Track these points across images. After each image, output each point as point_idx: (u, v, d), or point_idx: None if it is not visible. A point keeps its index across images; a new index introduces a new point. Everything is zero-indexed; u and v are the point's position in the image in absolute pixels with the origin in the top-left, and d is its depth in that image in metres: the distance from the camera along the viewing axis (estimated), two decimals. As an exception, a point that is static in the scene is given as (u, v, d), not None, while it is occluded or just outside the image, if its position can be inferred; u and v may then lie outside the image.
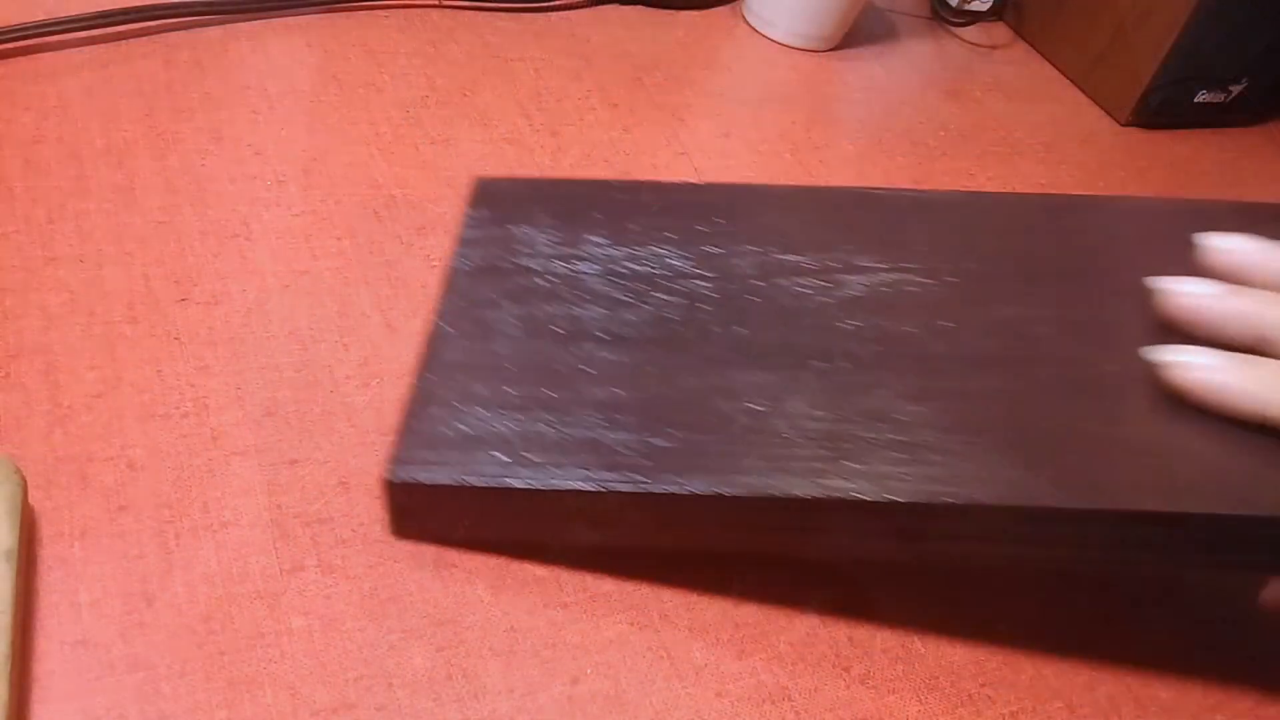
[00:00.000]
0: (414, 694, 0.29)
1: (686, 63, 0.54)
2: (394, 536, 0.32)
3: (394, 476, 0.31)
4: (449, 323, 0.35)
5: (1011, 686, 0.33)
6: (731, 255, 0.38)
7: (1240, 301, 0.32)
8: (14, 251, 0.36)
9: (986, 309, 0.36)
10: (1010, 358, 0.34)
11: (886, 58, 0.61)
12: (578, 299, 0.36)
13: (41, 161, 0.39)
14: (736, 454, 0.31)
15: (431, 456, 0.31)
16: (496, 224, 0.39)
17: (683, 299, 0.36)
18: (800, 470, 0.31)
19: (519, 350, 0.34)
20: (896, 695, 0.32)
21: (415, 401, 0.33)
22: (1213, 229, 0.37)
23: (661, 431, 0.32)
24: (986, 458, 0.31)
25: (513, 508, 0.31)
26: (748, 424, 0.32)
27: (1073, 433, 0.32)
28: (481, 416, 0.32)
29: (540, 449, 0.31)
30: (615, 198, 0.40)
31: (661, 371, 0.34)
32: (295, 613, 0.29)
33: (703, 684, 0.31)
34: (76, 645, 0.28)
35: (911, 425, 0.32)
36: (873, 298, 0.36)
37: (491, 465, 0.31)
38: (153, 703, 0.27)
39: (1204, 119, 0.62)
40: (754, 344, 0.34)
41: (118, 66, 0.43)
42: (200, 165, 0.40)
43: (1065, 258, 0.38)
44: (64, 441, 0.31)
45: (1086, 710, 0.33)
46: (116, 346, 0.34)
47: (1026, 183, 0.54)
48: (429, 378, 0.33)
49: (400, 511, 0.32)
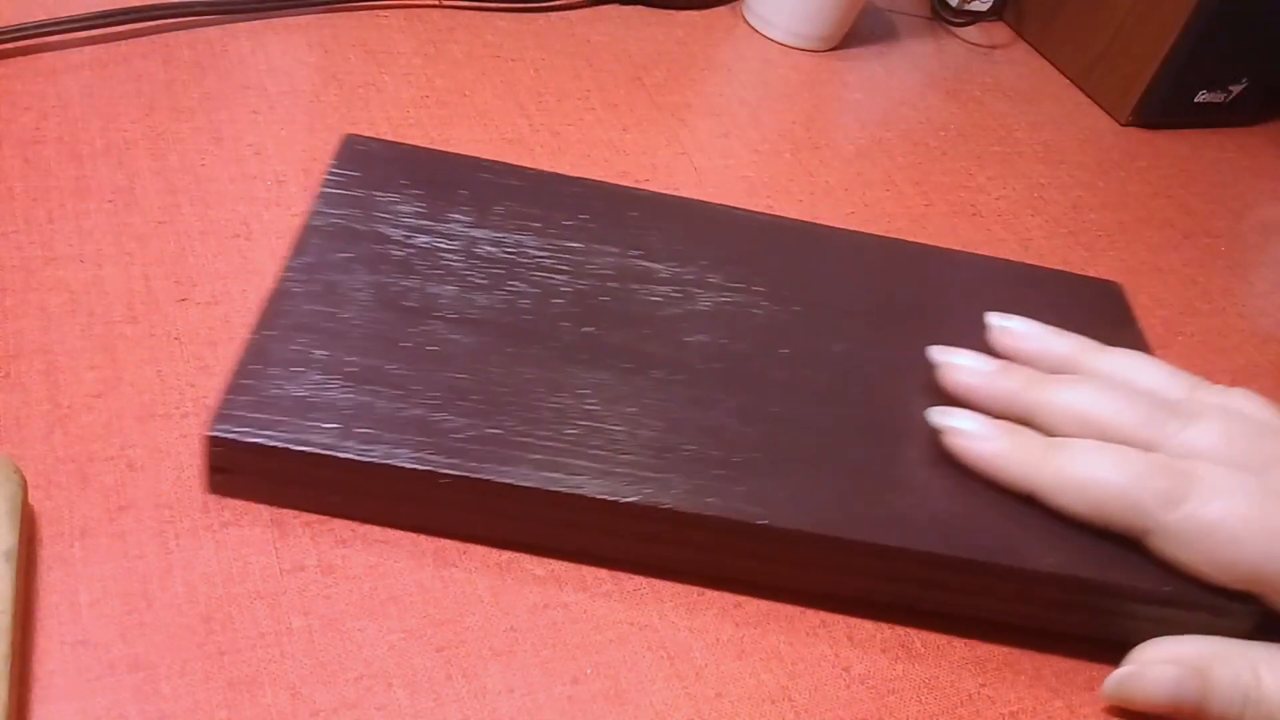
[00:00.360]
0: (414, 694, 0.29)
1: (686, 63, 0.54)
2: (207, 493, 0.31)
3: (215, 431, 0.30)
4: (296, 281, 0.34)
5: (1011, 686, 0.33)
6: (592, 254, 0.38)
7: (1008, 381, 0.35)
8: (14, 251, 0.36)
9: (823, 342, 0.37)
10: (836, 392, 0.36)
11: (886, 58, 0.61)
12: (433, 275, 0.35)
13: (41, 161, 0.39)
14: (567, 451, 0.32)
15: (259, 417, 0.30)
16: (361, 186, 0.38)
17: (537, 290, 0.36)
18: (626, 476, 0.31)
19: (365, 319, 0.33)
20: (896, 695, 0.32)
21: (249, 358, 0.32)
22: (1043, 294, 0.41)
23: (496, 420, 0.32)
24: (799, 484, 0.33)
25: (336, 479, 0.31)
26: (583, 423, 0.32)
27: (875, 471, 0.34)
28: (316, 382, 0.32)
29: (372, 423, 0.31)
30: (484, 178, 0.40)
31: (505, 360, 0.33)
32: (295, 613, 0.29)
33: (703, 684, 0.31)
34: (76, 645, 0.28)
35: (737, 444, 0.33)
36: (720, 315, 0.37)
37: (319, 433, 0.30)
38: (153, 703, 0.27)
39: (1204, 119, 0.62)
40: (600, 345, 0.35)
41: (117, 66, 0.43)
42: (200, 165, 0.40)
43: (905, 303, 0.40)
44: (64, 441, 0.31)
45: (1086, 710, 0.33)
46: (116, 346, 0.34)
47: (1026, 182, 0.54)
48: (267, 335, 0.32)
49: (218, 469, 0.31)
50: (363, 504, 0.32)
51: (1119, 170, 0.58)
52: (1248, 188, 0.60)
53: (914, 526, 0.32)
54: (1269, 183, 0.61)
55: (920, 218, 0.50)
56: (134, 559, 0.30)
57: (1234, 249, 0.55)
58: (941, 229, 0.49)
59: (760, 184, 0.49)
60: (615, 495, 0.31)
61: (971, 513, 0.33)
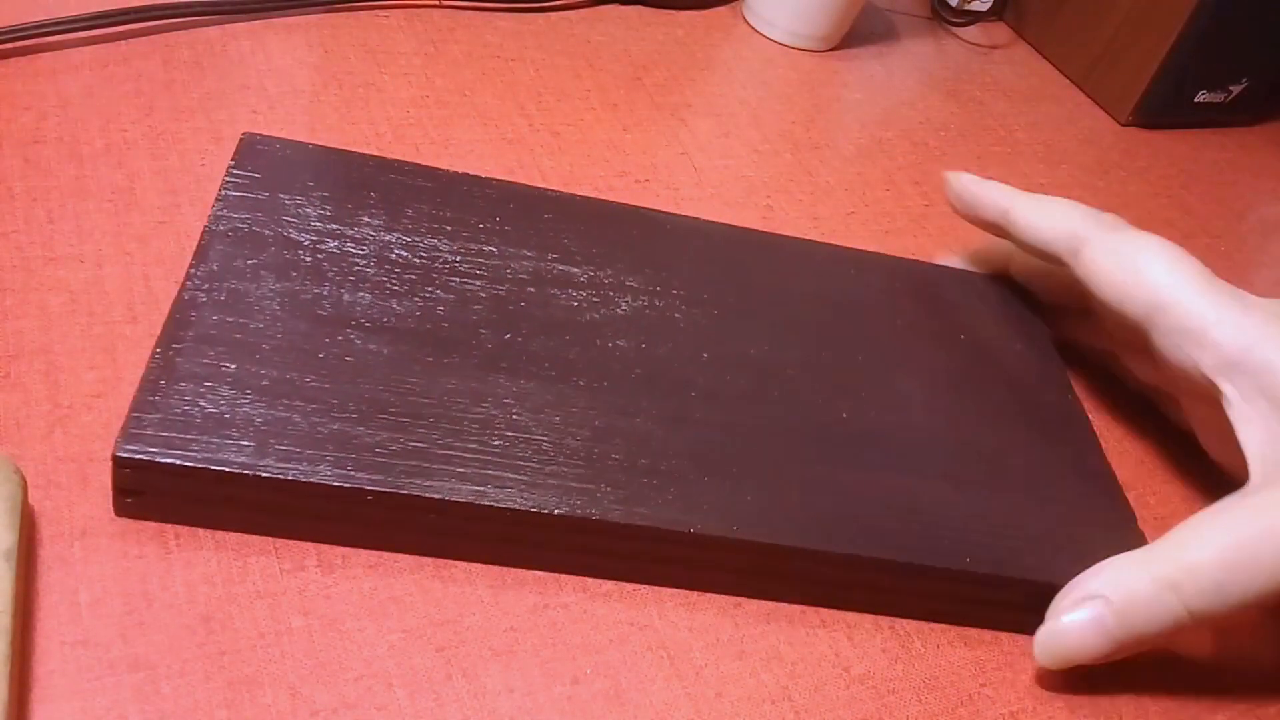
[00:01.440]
0: (414, 694, 0.29)
1: (686, 63, 0.54)
2: (116, 516, 0.30)
3: (123, 451, 0.29)
4: (200, 291, 0.32)
5: (1011, 686, 0.33)
6: (508, 257, 0.37)
7: None
8: (14, 251, 0.36)
9: (743, 345, 0.37)
10: (757, 395, 0.36)
11: (886, 58, 0.61)
12: (345, 282, 0.34)
13: (41, 161, 0.39)
14: (493, 463, 0.31)
15: (168, 435, 0.29)
16: (263, 188, 0.36)
17: (454, 296, 0.35)
18: (555, 487, 0.31)
19: (276, 330, 0.32)
20: (896, 695, 0.32)
21: (156, 373, 0.30)
22: (970, 294, 0.43)
23: (418, 432, 0.31)
24: (728, 491, 0.32)
25: (255, 499, 0.30)
26: (508, 434, 0.32)
27: (800, 474, 0.34)
28: (228, 397, 0.30)
29: (290, 439, 0.30)
30: (392, 179, 0.38)
31: (426, 369, 0.33)
32: (295, 613, 0.29)
33: (702, 684, 0.31)
34: (76, 645, 0.28)
35: (663, 452, 0.33)
36: (640, 320, 0.37)
37: (234, 451, 0.29)
38: (153, 702, 0.27)
39: (1204, 119, 0.62)
40: (522, 352, 0.34)
41: (117, 66, 0.43)
42: (200, 165, 0.40)
43: (822, 306, 0.40)
44: (64, 441, 0.31)
45: (1086, 710, 0.33)
46: (117, 346, 0.34)
47: (1026, 182, 0.54)
48: (174, 348, 0.31)
49: (127, 491, 0.30)
50: (284, 523, 0.31)
51: (1119, 170, 0.58)
52: (1248, 188, 0.60)
53: (845, 530, 0.33)
54: (1269, 183, 0.61)
55: (920, 218, 0.50)
56: (134, 559, 0.30)
57: (1234, 249, 0.55)
58: (941, 229, 0.50)
59: (760, 184, 0.49)
60: (544, 507, 0.30)
61: (896, 514, 0.34)
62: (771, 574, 0.33)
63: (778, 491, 0.33)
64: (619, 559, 0.32)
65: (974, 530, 0.34)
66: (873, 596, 0.34)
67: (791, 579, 0.33)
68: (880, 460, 0.35)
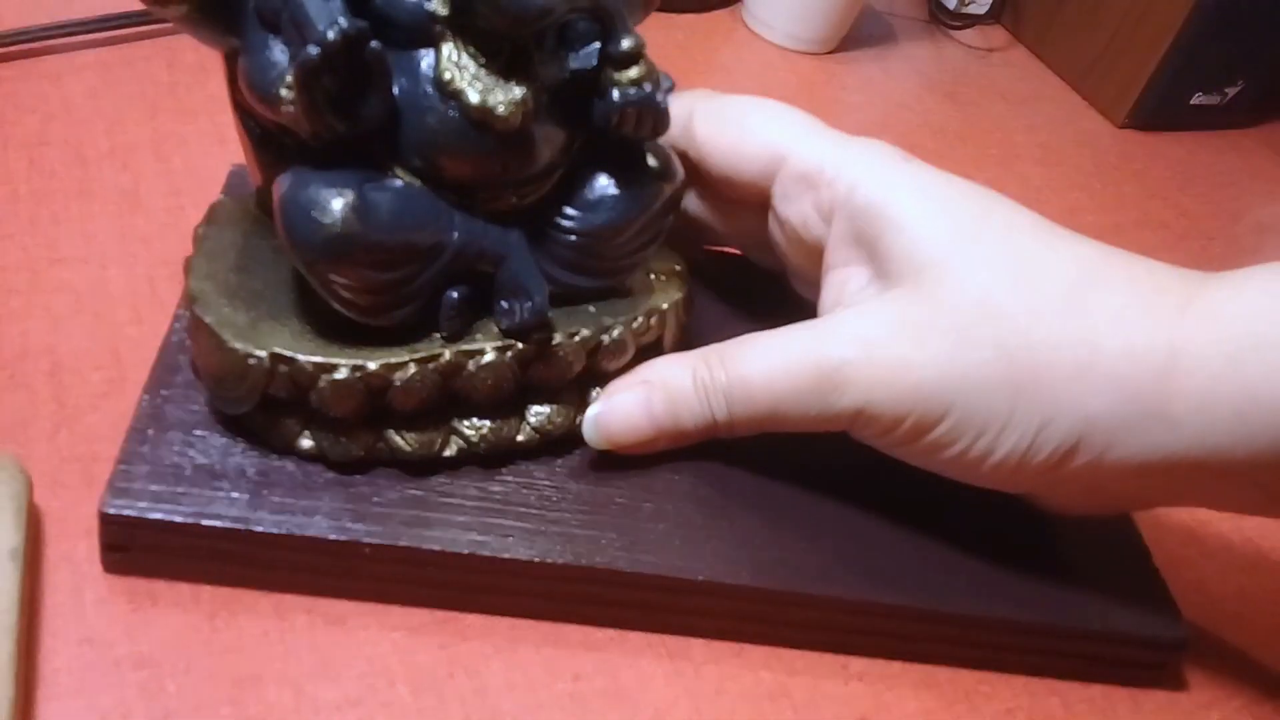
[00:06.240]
0: (417, 691, 0.29)
1: (686, 65, 0.54)
2: (105, 572, 0.29)
3: (110, 508, 0.27)
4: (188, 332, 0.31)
5: (1008, 684, 0.33)
6: None
7: None
8: (19, 253, 0.36)
9: None
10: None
11: (885, 60, 0.61)
12: None
13: (46, 163, 0.39)
14: (496, 511, 0.30)
15: (158, 489, 0.28)
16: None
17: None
18: (557, 535, 0.30)
19: None
20: (895, 693, 0.32)
21: (143, 422, 0.29)
22: None
23: (418, 480, 0.30)
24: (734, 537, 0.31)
25: (249, 553, 0.28)
26: (510, 480, 0.31)
27: (804, 519, 0.32)
28: (220, 446, 0.29)
29: (284, 489, 0.29)
30: None
31: None
32: (299, 610, 0.30)
33: (702, 682, 0.31)
34: (82, 643, 0.28)
35: (667, 494, 0.32)
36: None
37: (226, 504, 0.28)
38: (158, 700, 0.27)
39: (1200, 121, 0.62)
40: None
41: (122, 69, 0.44)
42: (204, 167, 0.41)
43: None
44: (69, 441, 0.32)
45: (1082, 708, 0.33)
46: (121, 347, 0.34)
47: (1024, 185, 0.55)
48: (162, 394, 0.30)
49: (114, 547, 0.28)
50: (279, 577, 0.29)
51: (1115, 172, 0.58)
52: (1243, 190, 0.60)
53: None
54: (1264, 185, 0.61)
55: (918, 220, 0.50)
56: (139, 557, 0.30)
57: (1229, 251, 0.55)
58: (939, 231, 0.50)
59: (759, 186, 0.49)
60: (547, 556, 0.29)
61: (898, 558, 0.32)
62: (776, 620, 0.32)
63: (782, 536, 0.32)
64: (627, 608, 0.31)
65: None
66: (888, 644, 0.33)
67: (798, 626, 0.32)
68: (880, 502, 0.33)
